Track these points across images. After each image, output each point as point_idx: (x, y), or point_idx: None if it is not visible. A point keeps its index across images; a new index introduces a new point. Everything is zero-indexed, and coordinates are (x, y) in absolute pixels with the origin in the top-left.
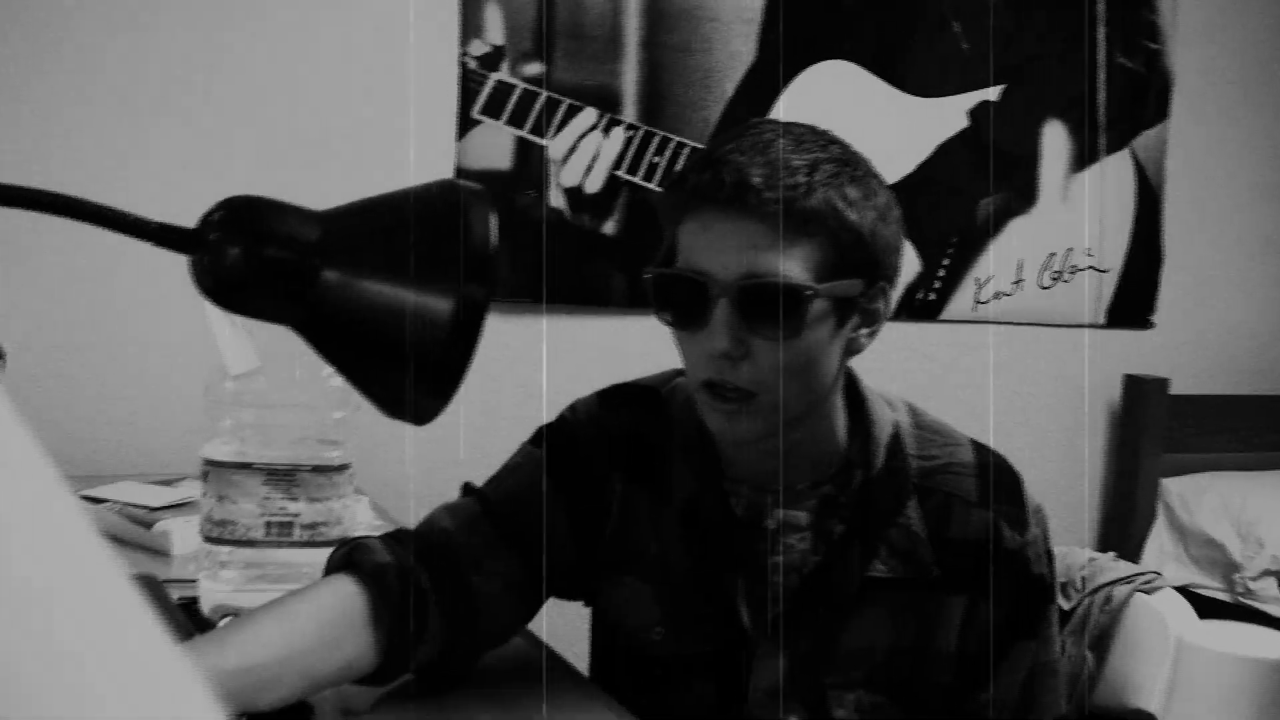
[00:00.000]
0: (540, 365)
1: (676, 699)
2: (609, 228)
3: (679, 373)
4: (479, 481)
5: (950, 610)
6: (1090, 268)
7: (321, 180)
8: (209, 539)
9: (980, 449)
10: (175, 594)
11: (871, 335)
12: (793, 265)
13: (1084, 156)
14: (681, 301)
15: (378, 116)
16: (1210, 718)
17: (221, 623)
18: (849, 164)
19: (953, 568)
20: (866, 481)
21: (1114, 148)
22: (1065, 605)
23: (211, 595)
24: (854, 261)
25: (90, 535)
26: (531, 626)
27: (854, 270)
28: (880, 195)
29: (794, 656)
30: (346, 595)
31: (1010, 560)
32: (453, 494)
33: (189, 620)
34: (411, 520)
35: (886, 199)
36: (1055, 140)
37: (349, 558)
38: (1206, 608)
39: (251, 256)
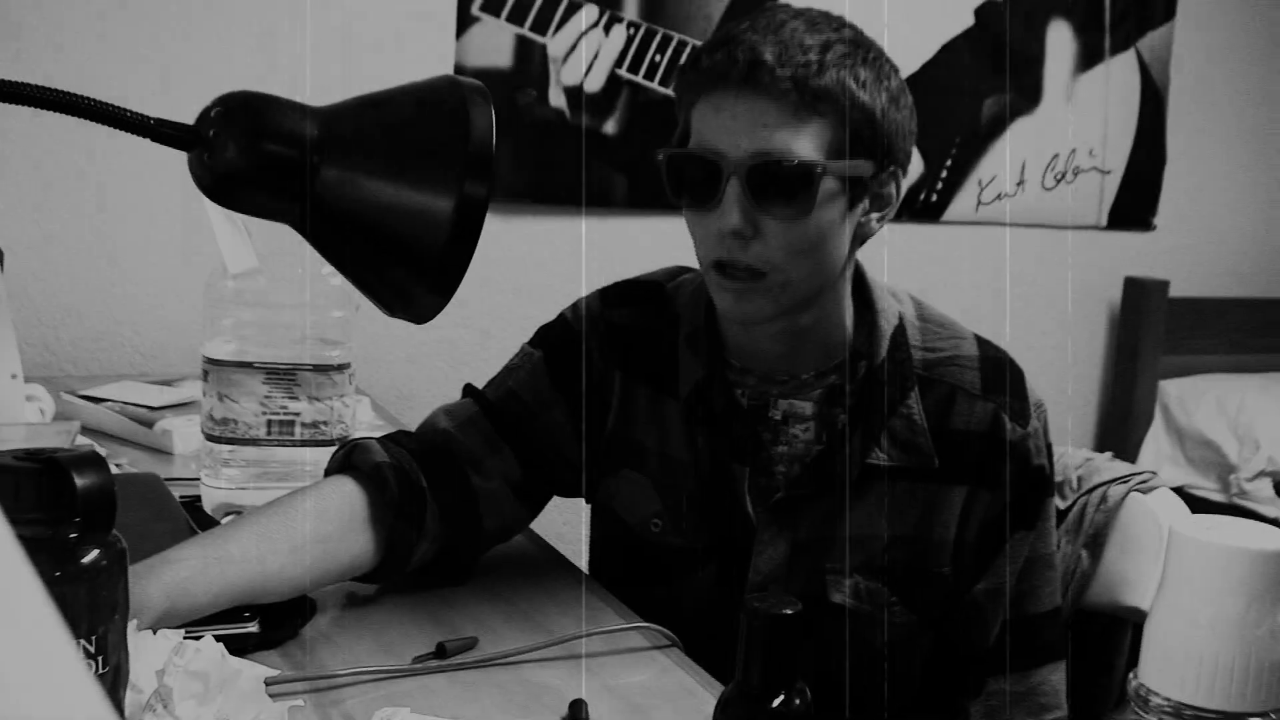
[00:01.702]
0: (540, 265)
1: (674, 590)
2: (609, 128)
3: (683, 269)
4: (479, 383)
5: (950, 500)
6: (1093, 169)
7: (318, 76)
8: (210, 437)
9: (984, 343)
10: (177, 492)
11: (882, 220)
12: (804, 144)
13: (1089, 57)
14: (693, 181)
15: (376, 12)
16: (1201, 608)
17: (225, 520)
18: (861, 46)
19: (953, 458)
20: (870, 371)
21: (1119, 48)
22: (1061, 504)
23: (214, 493)
24: (865, 142)
25: None
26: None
27: (865, 151)
28: (893, 80)
29: (794, 543)
30: (346, 494)
31: (1011, 451)
32: (453, 394)
33: (191, 518)
34: (411, 421)
35: (899, 84)
36: (1060, 40)
37: (348, 459)
38: (1201, 508)
39: (250, 153)
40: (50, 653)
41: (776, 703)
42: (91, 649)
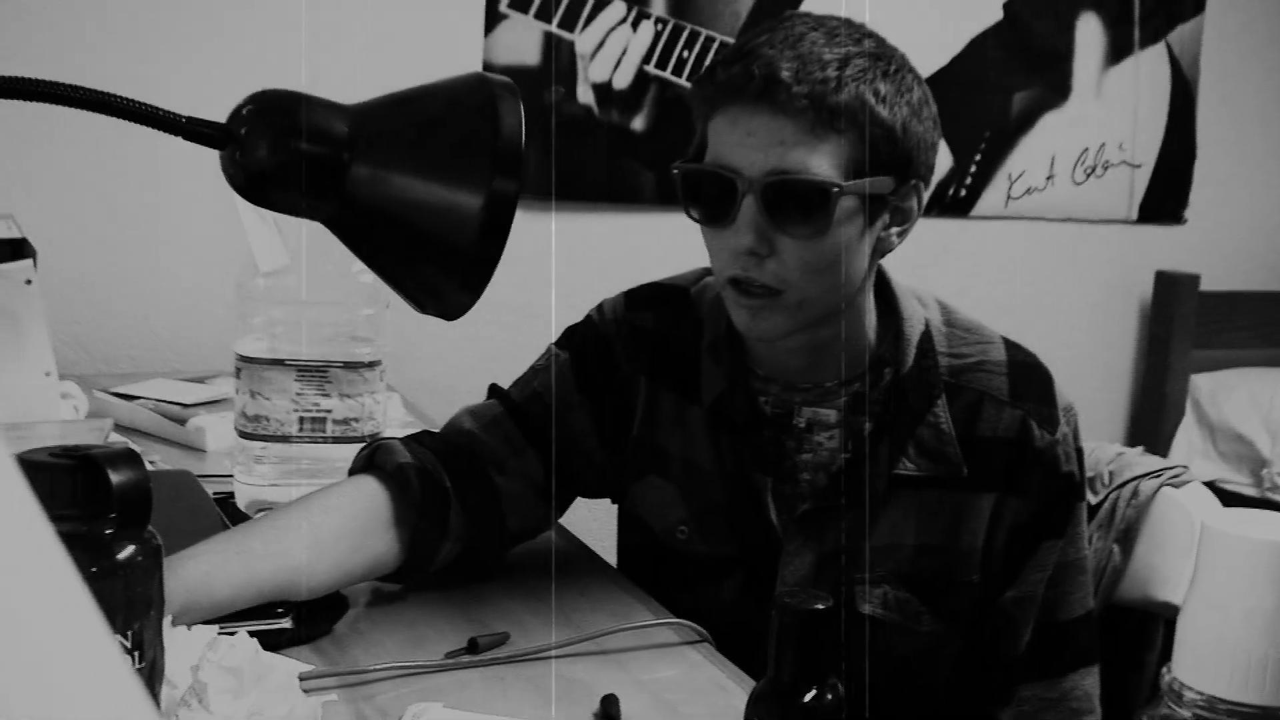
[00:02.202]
0: (569, 262)
1: (703, 596)
2: (638, 124)
3: (708, 271)
4: (508, 381)
5: (978, 508)
6: (1123, 163)
7: (348, 74)
8: (243, 434)
9: (1012, 347)
10: (210, 489)
11: (902, 234)
12: (821, 161)
13: (1118, 50)
14: (709, 197)
15: (404, 10)
16: (1234, 602)
17: (256, 516)
18: (882, 59)
19: (981, 465)
20: (896, 379)
21: (1149, 41)
22: (1092, 499)
23: (246, 490)
24: (885, 158)
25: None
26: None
27: (885, 167)
28: (914, 91)
29: (821, 554)
30: (370, 494)
31: (1039, 459)
32: (482, 391)
33: (224, 514)
34: (441, 417)
35: (921, 95)
36: (1090, 34)
37: (371, 459)
38: (1233, 503)
39: (282, 151)
40: (93, 650)
41: (808, 698)
42: (128, 644)
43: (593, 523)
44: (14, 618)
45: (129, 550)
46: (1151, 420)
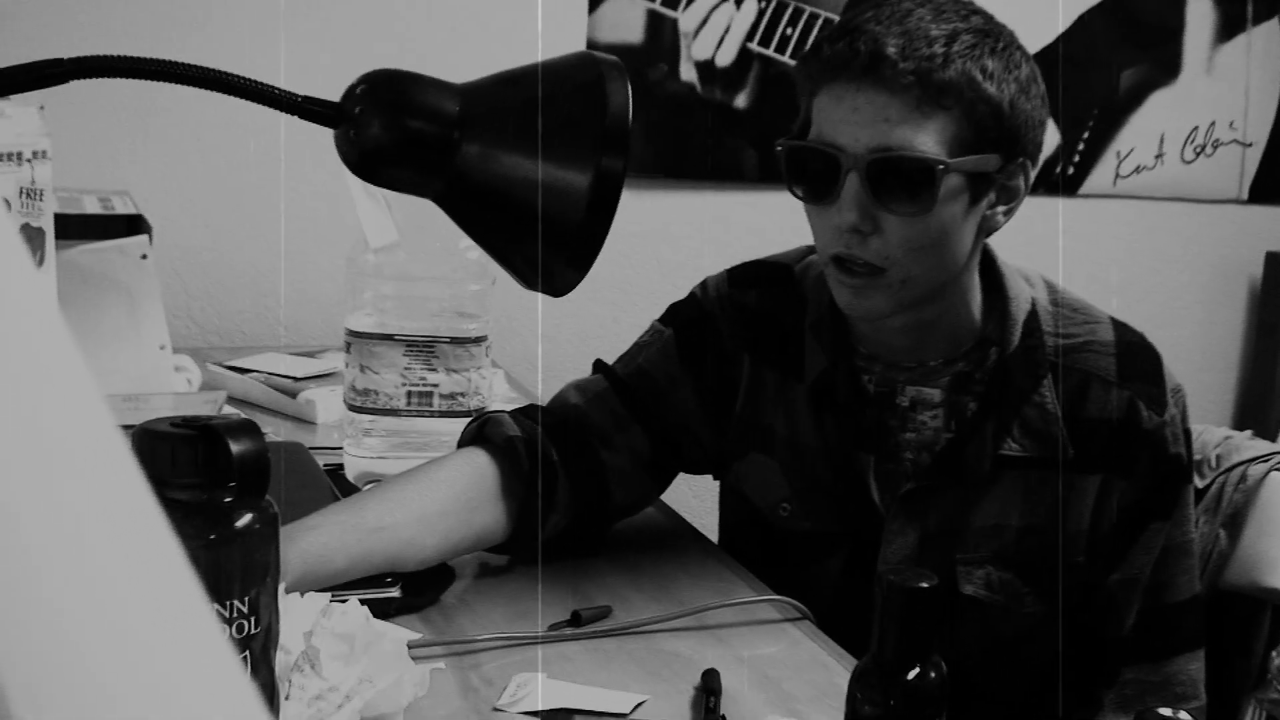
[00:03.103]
0: (672, 240)
1: (804, 574)
2: (741, 101)
3: (812, 249)
4: (611, 358)
5: (1084, 489)
6: (1234, 141)
7: (451, 55)
8: (352, 408)
9: (1120, 327)
10: (321, 461)
11: (1009, 213)
12: (926, 139)
13: (1230, 27)
14: (813, 174)
15: None
16: None
17: (365, 488)
18: (990, 35)
19: (1088, 446)
20: (1002, 359)
21: (1261, 18)
22: (1199, 483)
23: (356, 462)
24: (991, 136)
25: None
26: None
27: (991, 145)
28: (1023, 68)
29: (924, 533)
30: (479, 466)
31: (1147, 440)
32: (585, 368)
33: (334, 485)
34: (543, 394)
35: (1029, 72)
36: (1200, 10)
37: (480, 431)
38: None
39: (394, 129)
40: (194, 627)
41: (911, 675)
42: (245, 609)
43: (694, 499)
44: (114, 590)
45: (247, 518)
46: (1260, 404)
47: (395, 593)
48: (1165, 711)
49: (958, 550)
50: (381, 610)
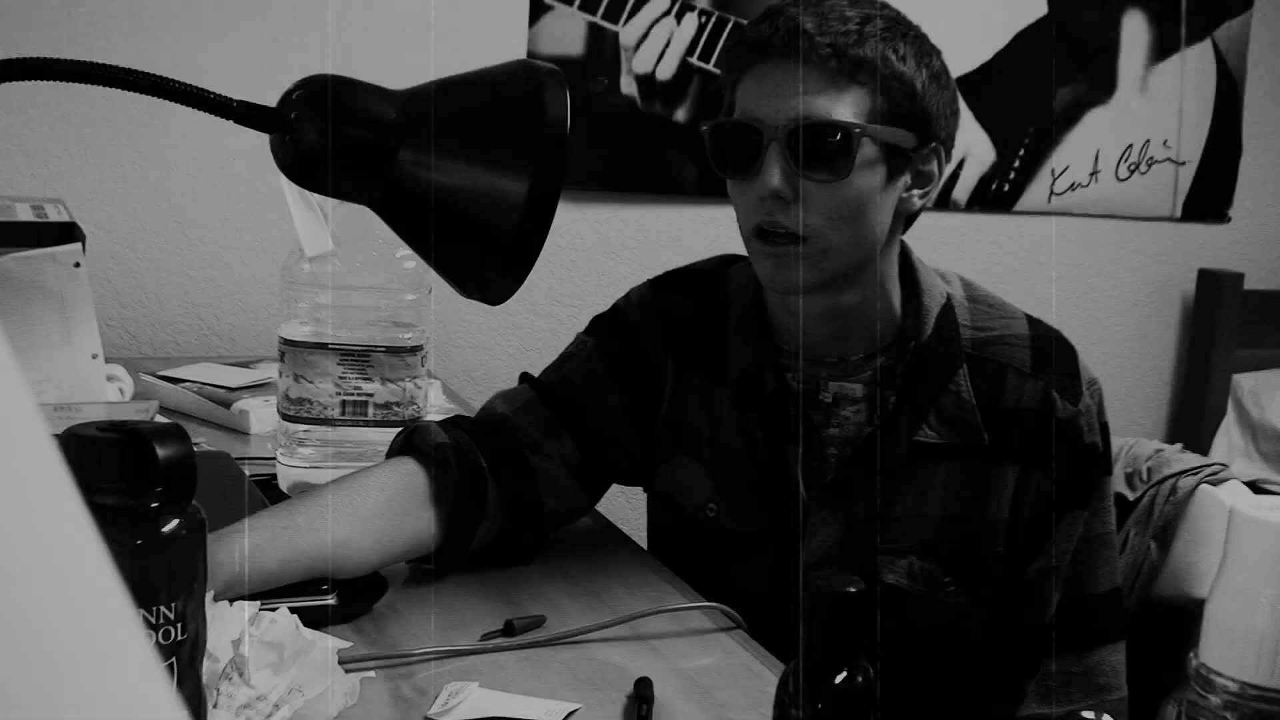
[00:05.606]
0: (610, 252)
1: (731, 575)
2: (681, 115)
3: (735, 258)
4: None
5: (1003, 479)
6: (1168, 160)
7: (393, 63)
8: (286, 417)
9: (1035, 323)
10: (252, 471)
11: (924, 197)
12: (843, 109)
13: (1164, 47)
14: (736, 150)
15: (450, 1)
16: (1261, 587)
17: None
18: (902, 24)
19: (1005, 437)
20: (917, 350)
21: (1195, 38)
22: (1131, 495)
23: (289, 472)
24: (906, 114)
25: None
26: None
27: (906, 122)
28: (934, 59)
29: (847, 524)
30: (408, 473)
31: (1062, 429)
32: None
33: (265, 496)
34: (480, 405)
35: (941, 65)
36: (1135, 30)
37: (409, 441)
38: None
39: (330, 135)
40: (117, 630)
41: (839, 679)
42: (171, 616)
43: (630, 511)
44: (38, 594)
45: (174, 524)
46: (1192, 419)
47: (330, 600)
48: (1089, 715)
49: (881, 541)
50: (312, 619)
